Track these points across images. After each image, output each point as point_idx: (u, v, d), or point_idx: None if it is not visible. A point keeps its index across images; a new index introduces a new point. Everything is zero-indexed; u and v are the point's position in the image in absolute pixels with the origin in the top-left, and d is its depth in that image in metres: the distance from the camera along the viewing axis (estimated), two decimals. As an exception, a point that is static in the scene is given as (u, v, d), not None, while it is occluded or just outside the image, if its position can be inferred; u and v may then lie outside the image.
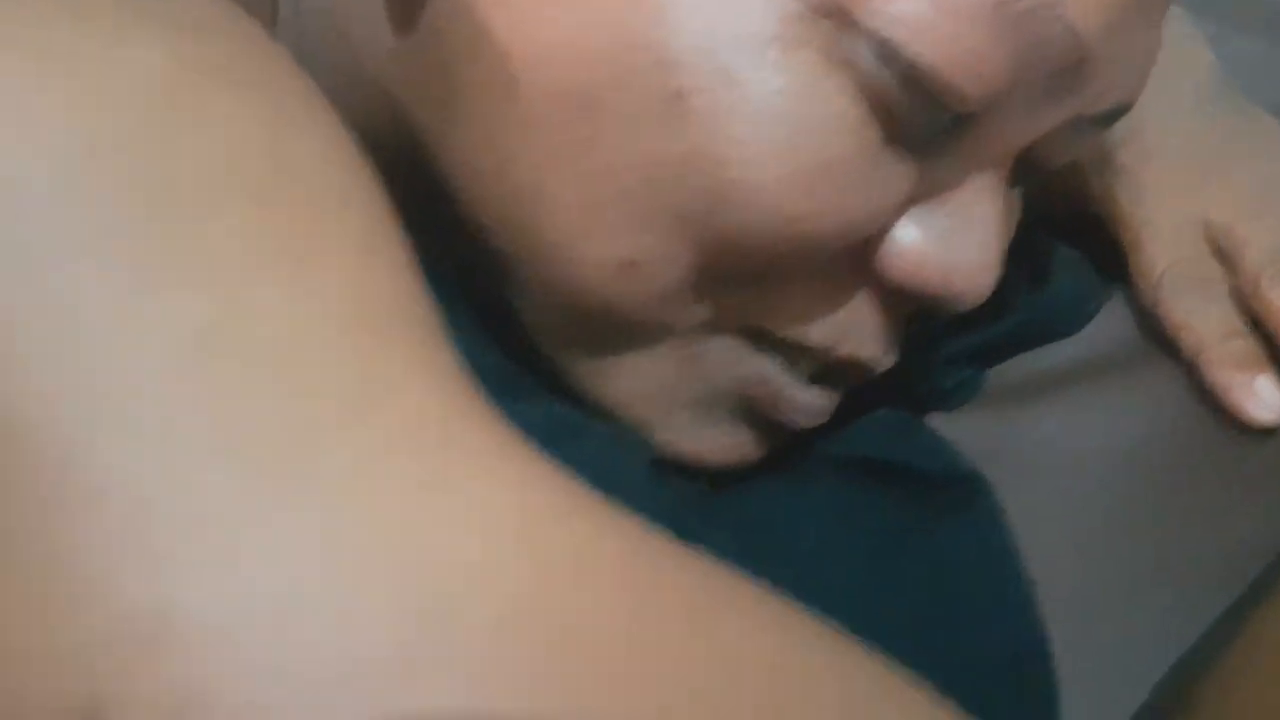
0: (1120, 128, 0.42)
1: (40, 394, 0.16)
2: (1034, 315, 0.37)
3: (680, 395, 0.30)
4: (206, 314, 0.17)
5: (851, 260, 0.28)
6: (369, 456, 0.16)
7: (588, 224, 0.27)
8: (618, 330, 0.29)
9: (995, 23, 0.25)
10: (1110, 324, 0.40)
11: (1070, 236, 0.40)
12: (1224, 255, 0.38)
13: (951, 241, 0.28)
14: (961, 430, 0.35)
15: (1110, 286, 0.40)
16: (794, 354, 0.29)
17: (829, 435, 0.32)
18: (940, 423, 0.35)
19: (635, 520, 0.19)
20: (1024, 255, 0.39)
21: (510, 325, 0.30)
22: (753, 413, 0.31)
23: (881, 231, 0.28)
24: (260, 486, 0.16)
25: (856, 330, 0.29)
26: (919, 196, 0.28)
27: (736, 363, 0.30)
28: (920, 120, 0.26)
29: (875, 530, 0.30)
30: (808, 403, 0.30)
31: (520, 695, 0.15)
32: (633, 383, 0.30)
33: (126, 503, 0.15)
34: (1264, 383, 0.34)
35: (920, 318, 0.31)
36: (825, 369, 0.30)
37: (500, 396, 0.27)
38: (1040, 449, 0.35)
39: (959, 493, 0.31)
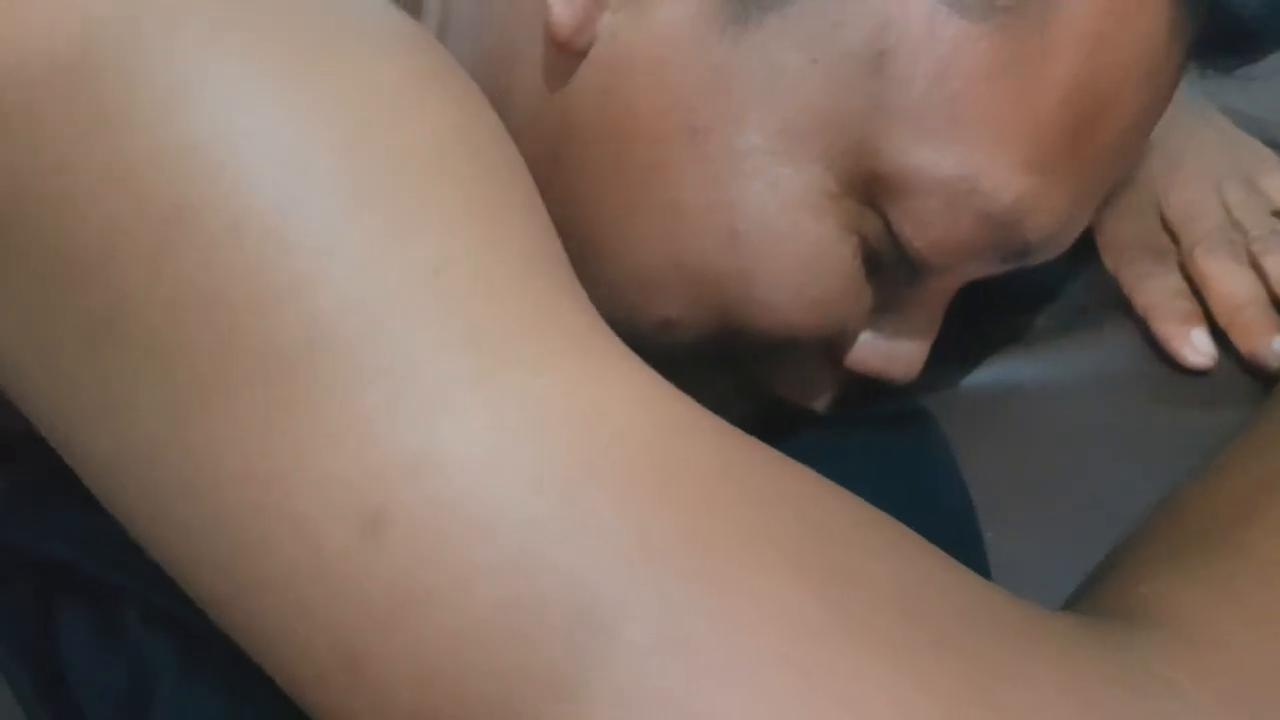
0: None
1: (334, 305, 0.23)
2: (1010, 287, 0.46)
3: None
4: (439, 254, 0.25)
5: (825, 345, 0.37)
6: (544, 354, 0.25)
7: (648, 288, 0.35)
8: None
9: (973, 231, 0.33)
10: (1080, 287, 0.48)
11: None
12: (1171, 231, 0.47)
13: (894, 345, 0.38)
14: (953, 379, 0.44)
15: (1079, 258, 0.48)
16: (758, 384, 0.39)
17: None
18: (933, 373, 0.43)
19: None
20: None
21: None
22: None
23: (852, 332, 0.37)
24: (480, 369, 0.24)
25: (812, 390, 0.39)
26: (880, 308, 0.37)
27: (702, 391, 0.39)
28: (897, 272, 0.35)
29: (852, 450, 0.40)
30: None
31: (656, 496, 0.24)
32: None
33: (396, 377, 0.23)
34: (1199, 334, 0.43)
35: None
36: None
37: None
38: (1017, 390, 0.44)
39: (909, 422, 0.41)
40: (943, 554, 0.27)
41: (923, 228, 0.33)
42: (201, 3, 0.25)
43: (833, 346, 0.38)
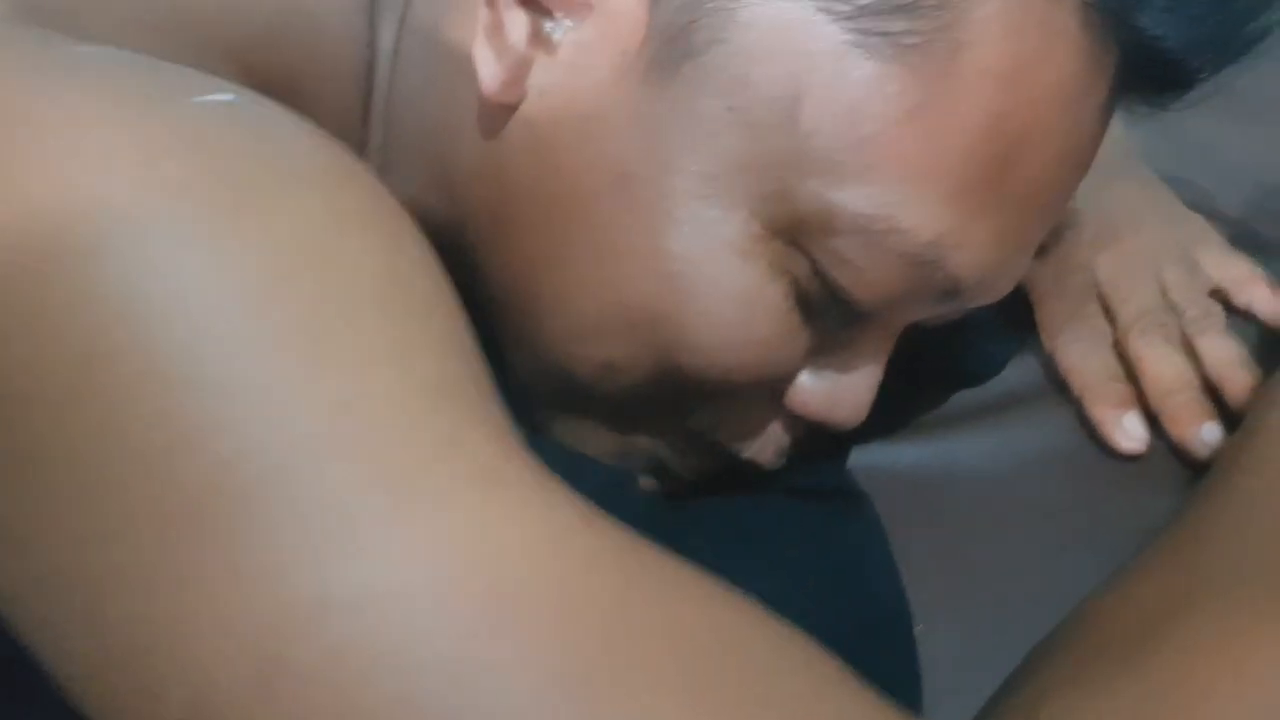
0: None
1: (240, 449, 0.23)
2: (952, 366, 0.46)
3: (618, 448, 0.39)
4: (347, 391, 0.25)
5: (768, 389, 0.37)
6: (451, 490, 0.24)
7: (587, 335, 0.35)
8: (588, 403, 0.38)
9: (898, 269, 0.33)
10: (1020, 366, 0.49)
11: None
12: (1108, 311, 0.47)
13: (837, 387, 0.37)
14: (892, 458, 0.44)
15: (1021, 335, 0.49)
16: (703, 447, 0.39)
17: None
18: (874, 452, 0.44)
19: (628, 531, 0.27)
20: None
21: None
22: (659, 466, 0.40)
23: (792, 375, 0.37)
24: (384, 508, 0.24)
25: (757, 437, 0.38)
26: (821, 351, 0.37)
27: (660, 439, 0.39)
28: (831, 313, 0.35)
29: (794, 530, 0.40)
30: (684, 470, 0.40)
31: (551, 643, 0.23)
32: (592, 437, 0.39)
33: (299, 520, 0.23)
34: (1131, 419, 0.43)
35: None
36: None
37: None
38: (954, 471, 0.44)
39: (849, 505, 0.41)
40: (847, 677, 0.27)
41: (847, 267, 0.33)
42: (127, 141, 0.26)
43: (775, 392, 0.38)
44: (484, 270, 0.37)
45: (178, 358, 0.24)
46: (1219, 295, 0.49)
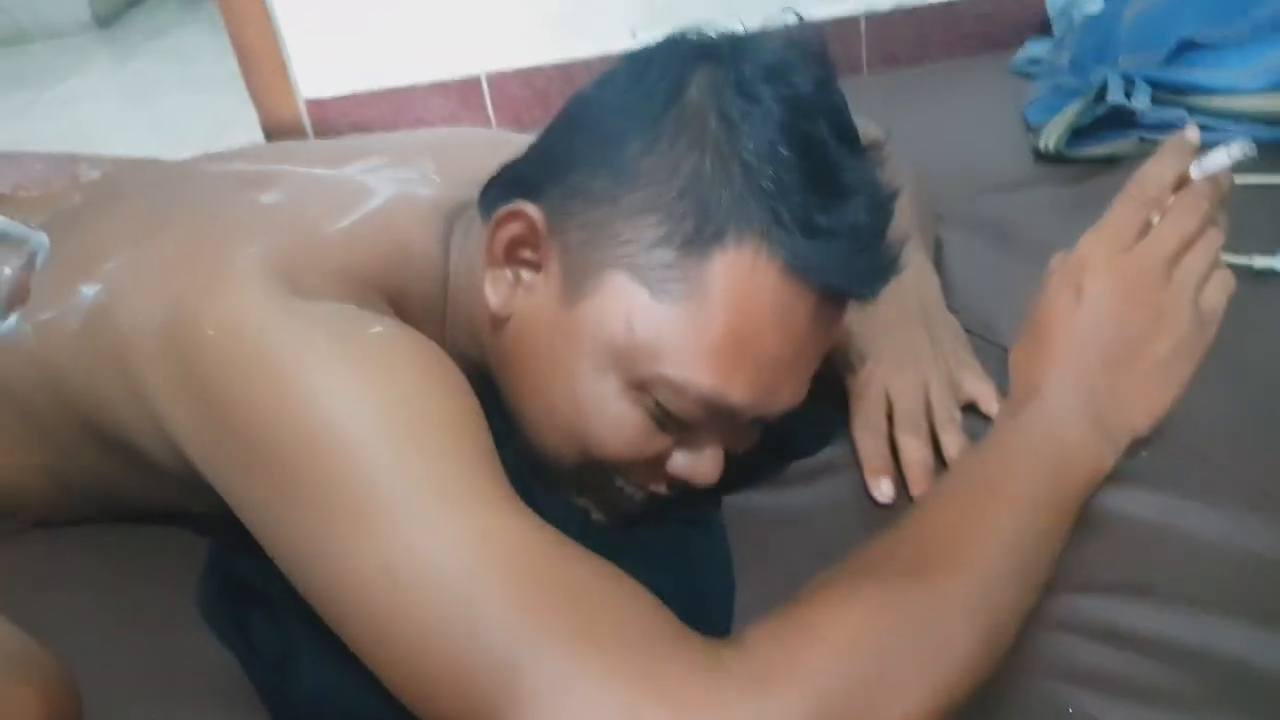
0: (858, 326, 0.78)
1: (370, 475, 0.53)
2: (791, 442, 0.75)
3: (580, 494, 0.69)
4: (424, 455, 0.53)
5: (653, 463, 0.65)
6: (475, 507, 0.53)
7: (540, 433, 0.65)
8: (558, 469, 0.66)
9: (698, 404, 0.61)
10: (840, 445, 0.77)
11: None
12: (889, 414, 0.76)
13: (694, 461, 0.65)
14: (749, 502, 0.72)
15: (841, 425, 0.77)
16: (626, 481, 0.67)
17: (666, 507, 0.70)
18: (739, 497, 0.72)
19: (568, 540, 0.56)
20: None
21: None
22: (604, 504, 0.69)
23: (666, 455, 0.65)
24: (444, 514, 0.52)
25: (658, 482, 0.67)
26: (684, 441, 0.65)
27: (597, 487, 0.68)
28: (674, 423, 0.63)
29: (670, 543, 0.69)
30: (617, 509, 0.69)
31: (529, 589, 0.51)
32: (566, 487, 0.68)
33: (402, 516, 0.52)
34: (885, 482, 0.71)
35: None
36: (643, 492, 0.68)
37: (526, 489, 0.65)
38: (787, 512, 0.72)
39: (707, 525, 0.70)
40: (669, 616, 0.54)
41: (670, 403, 0.61)
42: (333, 353, 0.56)
43: (659, 464, 0.66)
44: (500, 389, 0.67)
45: (345, 439, 0.53)
46: (971, 404, 0.77)
